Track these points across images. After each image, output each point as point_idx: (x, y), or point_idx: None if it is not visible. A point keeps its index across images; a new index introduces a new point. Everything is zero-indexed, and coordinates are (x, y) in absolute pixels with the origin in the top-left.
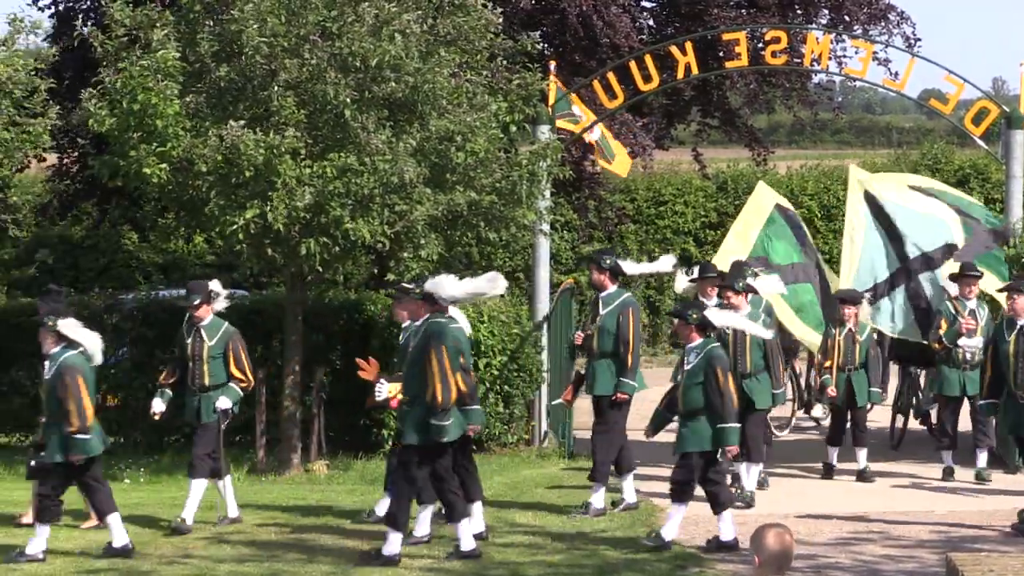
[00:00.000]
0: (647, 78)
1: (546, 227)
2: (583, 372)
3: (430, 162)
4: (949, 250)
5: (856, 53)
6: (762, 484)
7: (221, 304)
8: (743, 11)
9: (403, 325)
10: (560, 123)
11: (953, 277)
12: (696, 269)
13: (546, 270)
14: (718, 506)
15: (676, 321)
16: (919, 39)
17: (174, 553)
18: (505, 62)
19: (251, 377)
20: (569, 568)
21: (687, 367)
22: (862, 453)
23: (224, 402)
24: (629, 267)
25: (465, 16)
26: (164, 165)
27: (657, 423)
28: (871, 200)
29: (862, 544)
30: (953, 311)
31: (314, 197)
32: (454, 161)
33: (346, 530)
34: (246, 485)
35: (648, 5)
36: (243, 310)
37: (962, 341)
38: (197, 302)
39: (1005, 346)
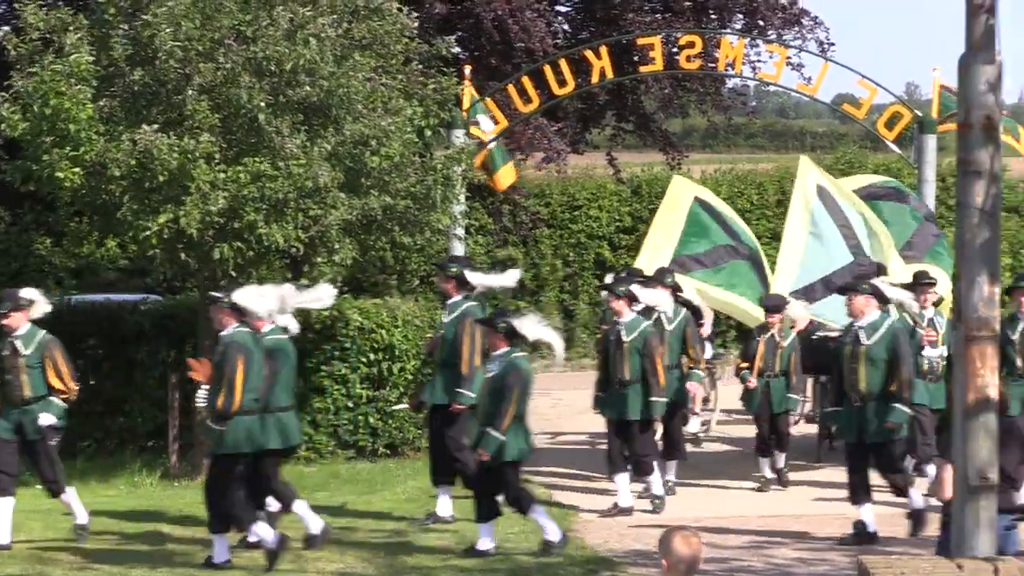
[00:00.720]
0: (562, 82)
1: (461, 231)
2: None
3: (345, 166)
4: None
5: (770, 58)
6: (668, 491)
7: (39, 311)
8: (658, 16)
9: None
10: (473, 130)
11: (908, 287)
12: (612, 276)
13: None
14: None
15: (487, 328)
16: (832, 44)
17: (84, 560)
18: (420, 66)
19: (72, 387)
20: (482, 572)
21: (488, 374)
22: (781, 456)
23: (46, 418)
24: (475, 277)
25: (380, 20)
26: (77, 169)
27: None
28: (824, 193)
29: (774, 547)
30: (911, 322)
31: (228, 202)
32: (369, 165)
33: None
34: (158, 491)
35: (563, 10)
36: (156, 315)
37: (925, 352)
38: (5, 310)
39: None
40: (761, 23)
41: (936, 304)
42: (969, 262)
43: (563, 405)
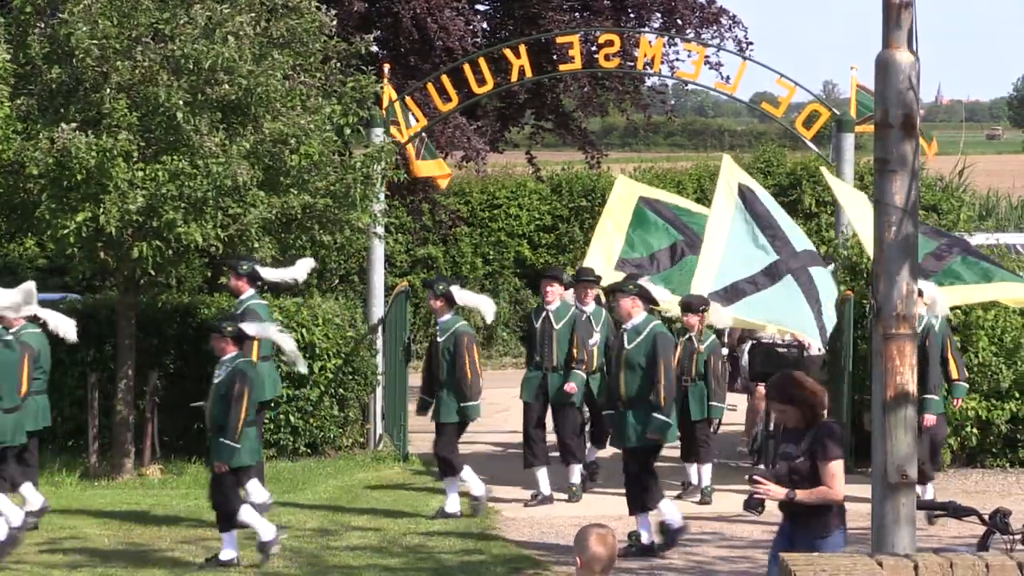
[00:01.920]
0: (481, 81)
1: (380, 230)
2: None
3: (264, 165)
4: (815, 256)
5: (689, 57)
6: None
7: None
8: (577, 14)
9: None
10: (393, 130)
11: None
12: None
13: (380, 273)
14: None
15: (212, 334)
16: (751, 43)
17: (6, 559)
18: (339, 65)
19: None
20: (405, 571)
21: (215, 379)
22: (704, 469)
23: None
24: (267, 273)
25: (298, 18)
26: None
27: None
28: (747, 193)
29: (696, 545)
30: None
31: (147, 200)
32: (288, 164)
33: (180, 534)
34: (79, 490)
35: (482, 8)
36: (76, 314)
37: None
38: None
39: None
40: (679, 22)
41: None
42: (888, 260)
43: (486, 403)
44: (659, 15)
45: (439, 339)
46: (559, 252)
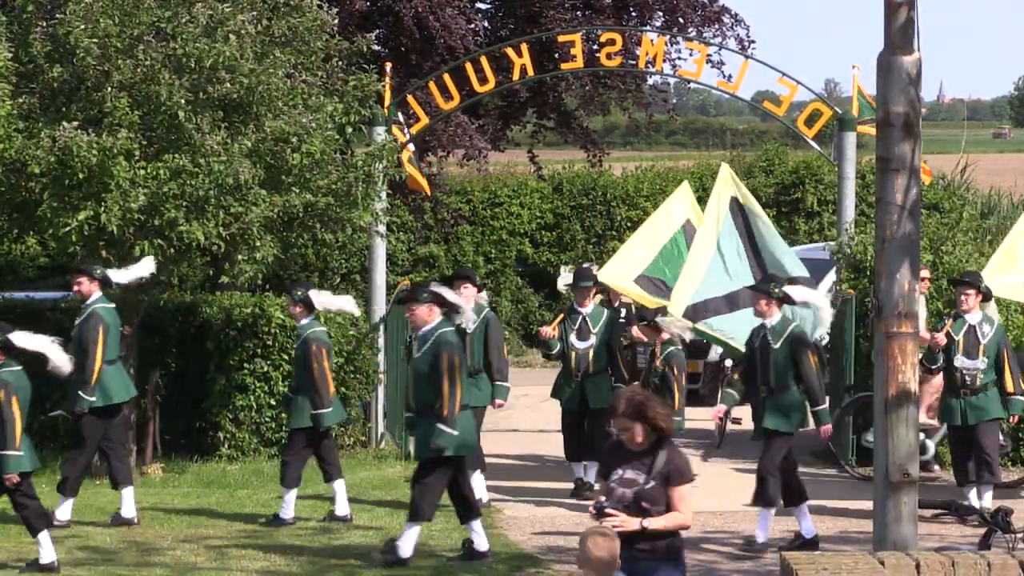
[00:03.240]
0: (483, 80)
1: (382, 229)
2: None
3: (265, 163)
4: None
5: (690, 55)
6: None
7: None
8: (578, 13)
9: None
10: (395, 130)
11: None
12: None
13: (382, 272)
14: None
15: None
16: (753, 41)
17: (6, 557)
18: (341, 63)
19: None
20: (405, 570)
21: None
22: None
23: None
24: (116, 275)
25: (300, 17)
26: None
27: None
28: (737, 207)
29: (698, 544)
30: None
31: (148, 199)
32: (289, 162)
33: (181, 533)
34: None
35: (483, 7)
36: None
37: (959, 362)
38: None
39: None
40: (681, 21)
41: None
42: (889, 258)
43: None
44: (661, 14)
45: (294, 346)
46: (561, 251)
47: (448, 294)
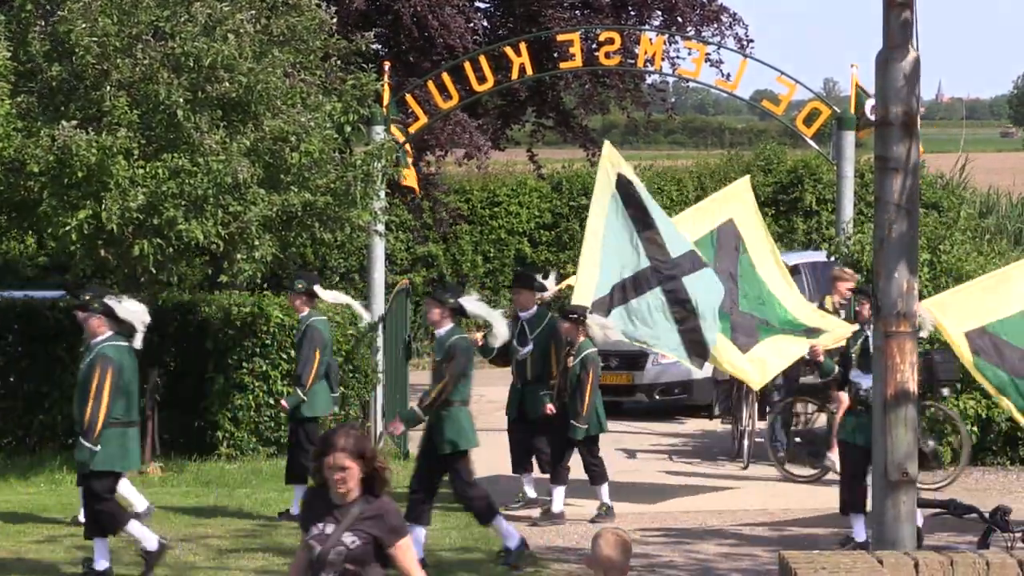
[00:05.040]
0: (482, 79)
1: (381, 228)
2: None
3: (264, 162)
4: (695, 259)
5: (689, 54)
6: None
7: None
8: (577, 12)
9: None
10: (394, 129)
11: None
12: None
13: (381, 271)
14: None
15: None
16: (751, 40)
17: (5, 555)
18: (339, 62)
19: None
20: None
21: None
22: (556, 490)
23: None
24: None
25: (299, 16)
26: None
27: None
28: (624, 185)
29: (696, 543)
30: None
31: (147, 198)
32: (288, 162)
33: (180, 532)
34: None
35: (482, 6)
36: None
37: (853, 376)
38: None
39: None
40: (680, 20)
41: None
42: (887, 257)
43: (484, 401)
44: (659, 13)
45: None
46: (559, 250)
47: (472, 307)
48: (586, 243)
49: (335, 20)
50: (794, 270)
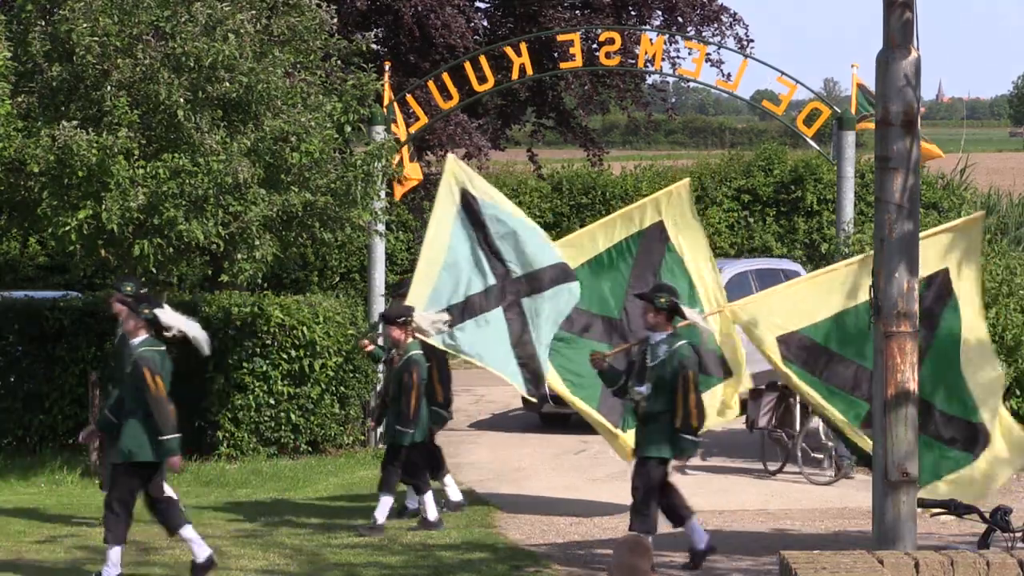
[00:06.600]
0: (482, 79)
1: (381, 228)
2: None
3: (264, 162)
4: (562, 270)
5: (689, 54)
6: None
7: None
8: (577, 12)
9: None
10: (393, 127)
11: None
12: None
13: (381, 271)
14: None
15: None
16: (752, 40)
17: (5, 555)
18: (340, 62)
19: None
20: (405, 569)
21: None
22: (426, 498)
23: None
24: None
25: (299, 16)
26: None
27: None
28: (470, 202)
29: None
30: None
31: (147, 198)
32: (289, 161)
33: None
34: (79, 488)
35: (482, 6)
36: (77, 312)
37: (630, 384)
38: None
39: None
40: (680, 20)
41: None
42: (887, 257)
43: (485, 401)
44: (660, 13)
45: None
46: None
47: (168, 318)
48: (422, 258)
49: (335, 20)
50: (741, 278)
